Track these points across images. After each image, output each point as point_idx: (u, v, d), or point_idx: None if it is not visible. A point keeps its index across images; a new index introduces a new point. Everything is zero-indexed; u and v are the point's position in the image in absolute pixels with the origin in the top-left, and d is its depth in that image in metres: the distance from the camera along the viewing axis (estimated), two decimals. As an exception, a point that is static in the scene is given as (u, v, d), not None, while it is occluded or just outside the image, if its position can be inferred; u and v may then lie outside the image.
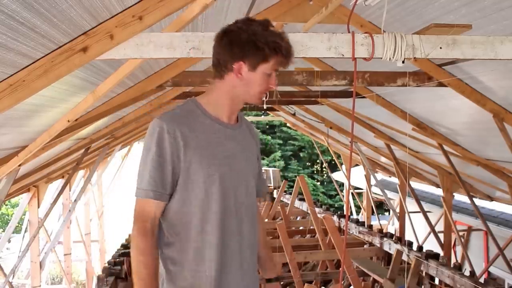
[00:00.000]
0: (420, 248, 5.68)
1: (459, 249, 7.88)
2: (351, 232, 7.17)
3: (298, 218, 8.90)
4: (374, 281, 6.05)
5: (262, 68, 1.49)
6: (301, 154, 24.28)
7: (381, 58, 2.07)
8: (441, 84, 3.61)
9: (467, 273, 5.07)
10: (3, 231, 13.71)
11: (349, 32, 2.04)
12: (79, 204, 8.23)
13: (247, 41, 1.46)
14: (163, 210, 1.52)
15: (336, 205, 20.73)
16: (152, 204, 1.47)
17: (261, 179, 1.77)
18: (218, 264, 1.50)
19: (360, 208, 10.89)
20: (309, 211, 6.95)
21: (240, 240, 1.55)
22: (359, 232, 7.00)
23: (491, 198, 6.77)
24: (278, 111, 9.28)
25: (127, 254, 6.07)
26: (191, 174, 1.48)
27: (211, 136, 1.52)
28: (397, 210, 7.71)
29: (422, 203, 6.84)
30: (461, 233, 7.96)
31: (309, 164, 24.63)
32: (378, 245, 6.41)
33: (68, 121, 2.87)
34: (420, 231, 7.15)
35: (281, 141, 23.98)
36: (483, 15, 2.57)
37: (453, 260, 6.32)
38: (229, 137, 1.57)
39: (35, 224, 6.30)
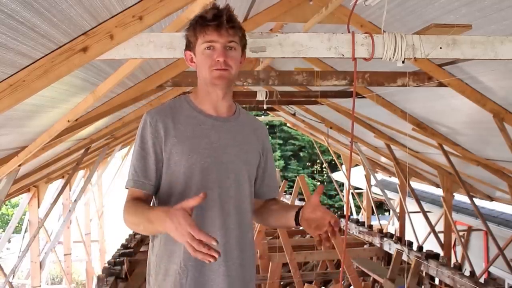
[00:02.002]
0: (420, 248, 5.68)
1: (459, 249, 7.88)
2: (351, 232, 7.17)
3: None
4: (374, 281, 6.05)
5: (198, 47, 1.48)
6: (301, 154, 24.27)
7: (381, 58, 2.07)
8: (441, 84, 3.61)
9: (467, 273, 5.07)
10: (3, 231, 13.71)
11: (349, 32, 2.04)
12: (79, 204, 8.23)
13: (186, 30, 1.53)
14: (154, 201, 1.54)
15: (336, 205, 20.72)
16: (135, 192, 1.50)
17: (268, 179, 1.70)
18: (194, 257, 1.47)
19: (360, 208, 10.89)
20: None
21: (225, 234, 1.50)
22: (359, 232, 7.00)
23: (491, 198, 6.78)
24: (278, 111, 9.28)
25: (127, 254, 6.07)
26: (171, 164, 1.48)
27: (196, 128, 1.51)
28: (397, 210, 7.72)
29: (422, 203, 6.84)
30: (461, 233, 7.96)
31: (309, 164, 24.62)
32: (378, 245, 6.42)
33: (68, 121, 2.88)
34: (420, 231, 7.15)
35: (281, 141, 23.97)
36: (483, 15, 2.57)
37: (453, 260, 6.32)
38: (218, 129, 1.54)
39: (35, 224, 6.31)
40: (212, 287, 1.50)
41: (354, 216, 9.51)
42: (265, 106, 6.14)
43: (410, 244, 5.84)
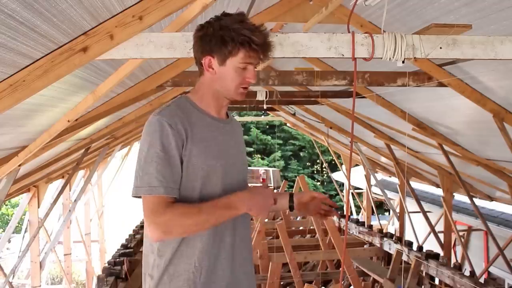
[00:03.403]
0: (420, 248, 5.68)
1: (459, 249, 7.88)
2: (351, 232, 7.17)
3: (298, 218, 8.91)
4: (374, 281, 6.05)
5: (231, 61, 1.48)
6: (301, 154, 24.30)
7: (381, 58, 2.07)
8: (441, 84, 3.61)
9: (467, 273, 5.07)
10: (3, 231, 13.72)
11: (349, 32, 2.04)
12: (79, 204, 8.23)
13: (214, 35, 1.46)
14: None
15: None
16: (166, 199, 1.43)
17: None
18: (211, 256, 1.51)
19: (360, 208, 10.89)
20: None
21: (233, 233, 1.55)
22: (359, 232, 7.00)
23: (491, 198, 6.77)
24: (278, 111, 9.28)
25: (127, 254, 6.07)
26: (189, 167, 1.47)
27: (206, 130, 1.52)
28: (397, 210, 7.72)
29: (422, 203, 6.84)
30: (461, 233, 7.96)
31: (309, 164, 24.64)
32: (378, 245, 6.41)
33: (68, 121, 2.87)
34: (420, 231, 7.15)
35: (281, 141, 23.98)
36: (483, 15, 2.57)
37: (453, 260, 6.32)
38: (223, 131, 1.58)
39: (35, 224, 6.30)
40: (222, 284, 1.53)
41: (354, 216, 9.51)
42: (265, 106, 6.15)
43: (410, 244, 5.83)
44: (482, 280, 5.10)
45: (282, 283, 6.63)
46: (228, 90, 1.52)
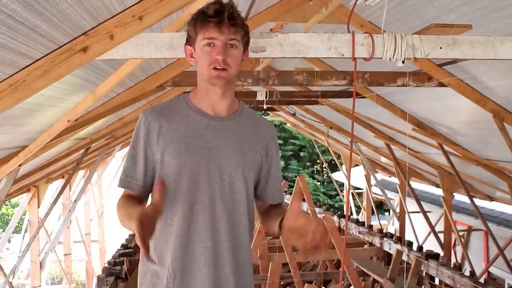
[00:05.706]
0: (420, 248, 5.68)
1: (459, 249, 7.88)
2: (351, 232, 7.17)
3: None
4: (374, 281, 6.05)
5: (198, 43, 1.44)
6: (301, 154, 24.27)
7: (381, 58, 2.07)
8: (441, 84, 3.61)
9: (467, 273, 5.07)
10: (3, 231, 13.72)
11: (349, 32, 2.05)
12: (79, 204, 8.23)
13: (187, 24, 1.49)
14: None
15: (336, 205, 20.72)
16: (125, 192, 1.51)
17: (272, 184, 1.61)
18: (183, 259, 1.45)
19: (360, 208, 10.89)
20: (309, 211, 6.94)
21: (215, 238, 1.45)
22: (359, 232, 7.00)
23: (491, 198, 6.77)
24: (278, 111, 9.27)
25: (127, 254, 6.08)
26: (164, 165, 1.45)
27: (190, 127, 1.47)
28: (397, 210, 7.72)
29: (422, 203, 6.84)
30: (461, 233, 7.96)
31: (309, 164, 24.62)
32: (378, 245, 6.41)
33: (68, 121, 2.88)
34: (420, 231, 7.15)
35: (281, 141, 23.96)
36: (483, 14, 2.57)
37: (453, 260, 6.32)
38: (214, 129, 1.48)
39: (35, 224, 6.30)
40: None
41: (354, 216, 9.51)
42: (265, 106, 6.14)
43: (410, 244, 5.83)
44: (482, 280, 5.10)
45: (282, 283, 6.63)
46: (203, 74, 1.45)
